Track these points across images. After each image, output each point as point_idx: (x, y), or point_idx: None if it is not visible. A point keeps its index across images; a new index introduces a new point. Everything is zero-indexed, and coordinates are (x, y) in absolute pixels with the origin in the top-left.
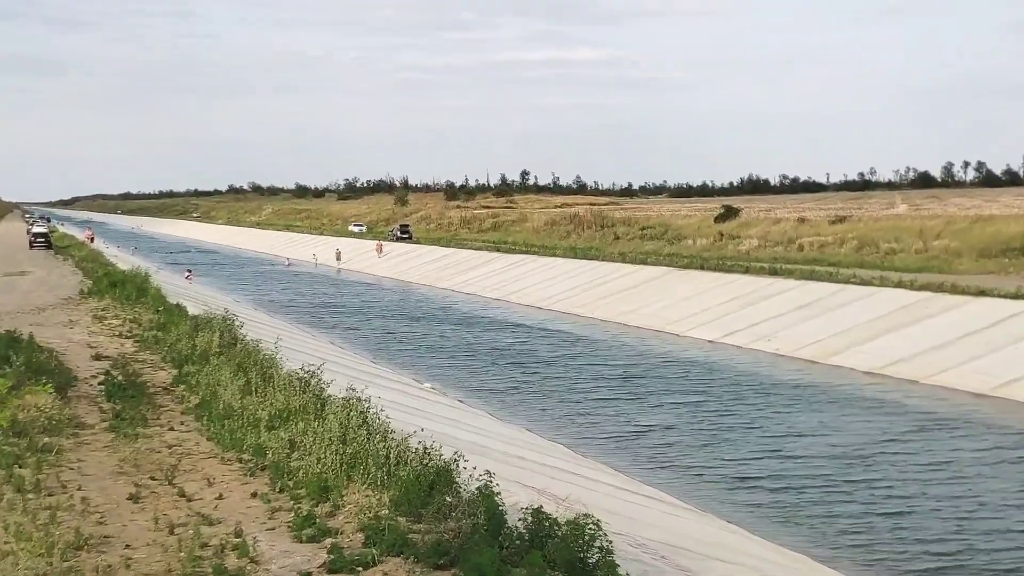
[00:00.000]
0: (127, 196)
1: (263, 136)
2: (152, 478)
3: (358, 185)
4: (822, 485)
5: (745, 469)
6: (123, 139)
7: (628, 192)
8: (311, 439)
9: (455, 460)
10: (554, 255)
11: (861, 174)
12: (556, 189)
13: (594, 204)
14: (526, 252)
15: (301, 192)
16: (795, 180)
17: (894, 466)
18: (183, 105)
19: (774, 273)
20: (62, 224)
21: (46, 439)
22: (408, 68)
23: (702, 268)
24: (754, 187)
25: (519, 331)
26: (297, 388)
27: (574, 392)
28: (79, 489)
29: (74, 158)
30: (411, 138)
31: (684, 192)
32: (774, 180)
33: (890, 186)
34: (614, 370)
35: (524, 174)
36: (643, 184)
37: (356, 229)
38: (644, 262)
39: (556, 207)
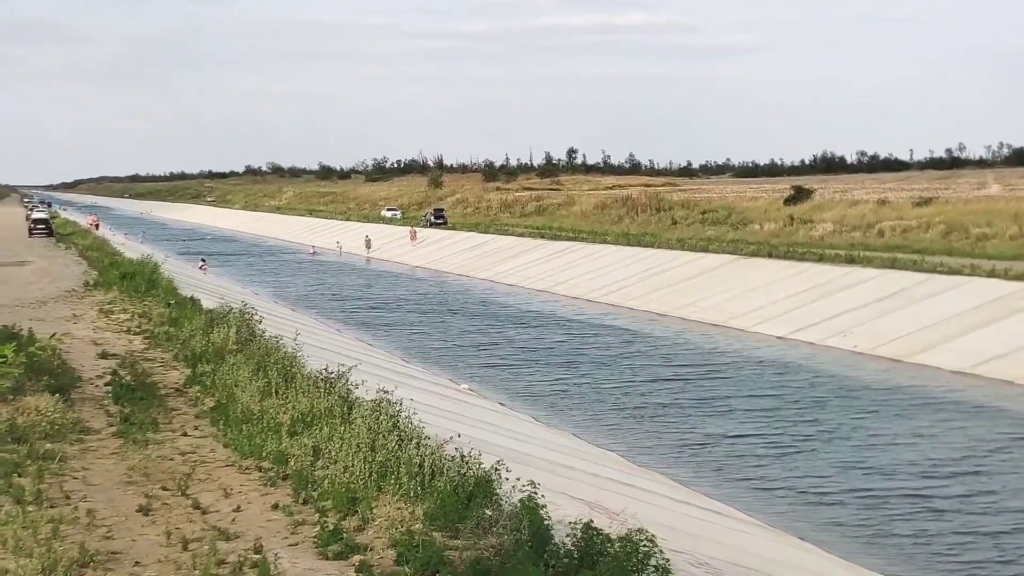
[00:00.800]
0: (135, 178)
1: (283, 112)
2: (164, 488)
3: (387, 166)
4: (912, 501)
5: (823, 482)
6: (130, 115)
7: (687, 172)
8: (337, 445)
9: (496, 469)
10: (605, 242)
11: (949, 150)
12: (607, 169)
13: (649, 185)
14: (573, 239)
15: (325, 173)
16: (874, 157)
17: (995, 479)
18: (195, 78)
19: (851, 261)
20: (64, 209)
21: (48, 445)
22: (440, 35)
23: (770, 256)
24: (828, 166)
25: (566, 327)
26: (322, 389)
27: (628, 395)
28: (84, 500)
29: (77, 137)
30: (445, 114)
31: (750, 171)
32: (851, 158)
33: (981, 164)
34: (673, 370)
35: (571, 152)
36: (704, 163)
37: (389, 214)
38: (705, 249)
39: (607, 189)
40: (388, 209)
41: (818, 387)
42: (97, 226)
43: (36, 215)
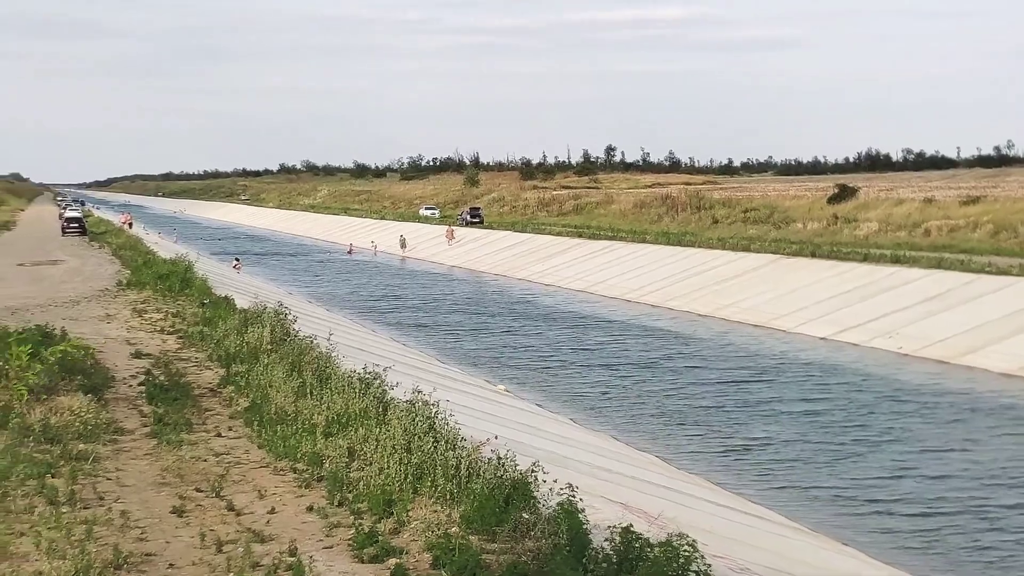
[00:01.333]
0: (168, 176)
1: (318, 109)
2: (198, 490)
3: (423, 164)
4: (964, 508)
5: (872, 489)
6: (164, 113)
7: (728, 170)
8: (372, 447)
9: (533, 471)
10: (644, 241)
11: (997, 148)
12: (646, 167)
13: (689, 183)
14: (612, 238)
15: (360, 172)
16: (920, 155)
17: None
18: (229, 74)
19: (896, 261)
20: (97, 208)
21: (81, 446)
22: (476, 30)
23: (813, 255)
24: (873, 163)
25: (604, 327)
26: (357, 390)
27: (669, 398)
28: (118, 501)
29: (110, 134)
30: (482, 111)
31: (792, 169)
32: (896, 155)
33: None
34: (715, 373)
35: (609, 150)
36: (745, 161)
37: (428, 213)
38: (747, 249)
39: (646, 187)
40: (426, 208)
41: (865, 390)
42: (130, 225)
43: (69, 214)
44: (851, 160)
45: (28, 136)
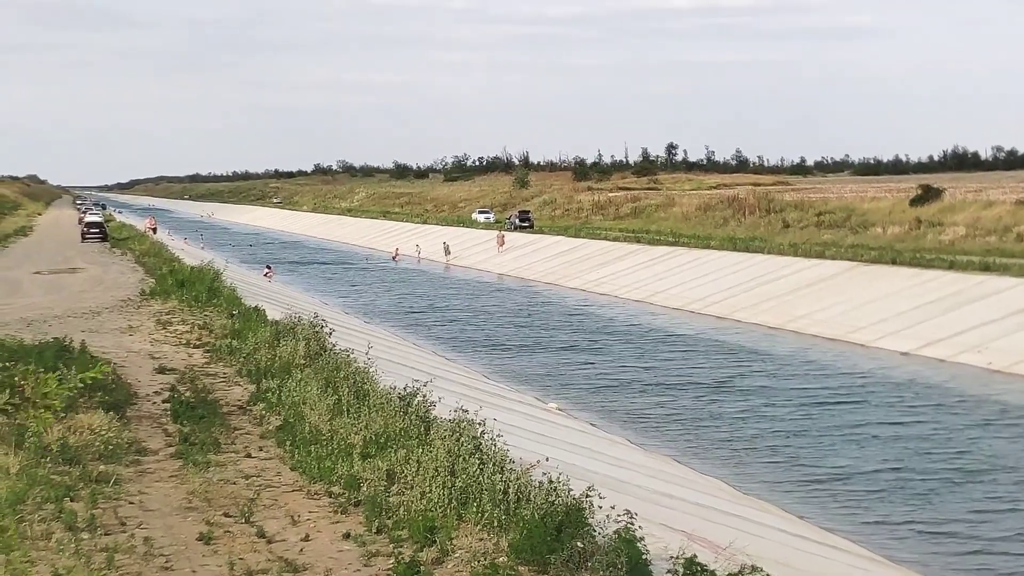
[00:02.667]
0: (195, 178)
1: (355, 105)
2: (226, 515)
3: (468, 164)
4: None
5: (968, 525)
6: (190, 109)
7: (801, 169)
8: (414, 469)
9: (588, 497)
10: (708, 247)
11: None
12: (710, 166)
13: (758, 184)
14: (673, 243)
15: (400, 172)
16: (1012, 153)
17: None
18: (259, 68)
19: (986, 269)
20: (119, 212)
21: (102, 467)
22: (528, 20)
23: (894, 263)
24: (960, 162)
25: (663, 341)
26: (397, 408)
27: (735, 418)
28: (141, 527)
29: (133, 133)
30: (532, 106)
31: (871, 169)
32: (985, 153)
33: None
34: (787, 391)
35: (671, 148)
36: (819, 160)
37: (483, 218)
38: (821, 255)
39: (710, 188)
40: (480, 212)
41: (957, 411)
42: (154, 230)
43: (89, 218)
44: (936, 159)
45: (46, 136)
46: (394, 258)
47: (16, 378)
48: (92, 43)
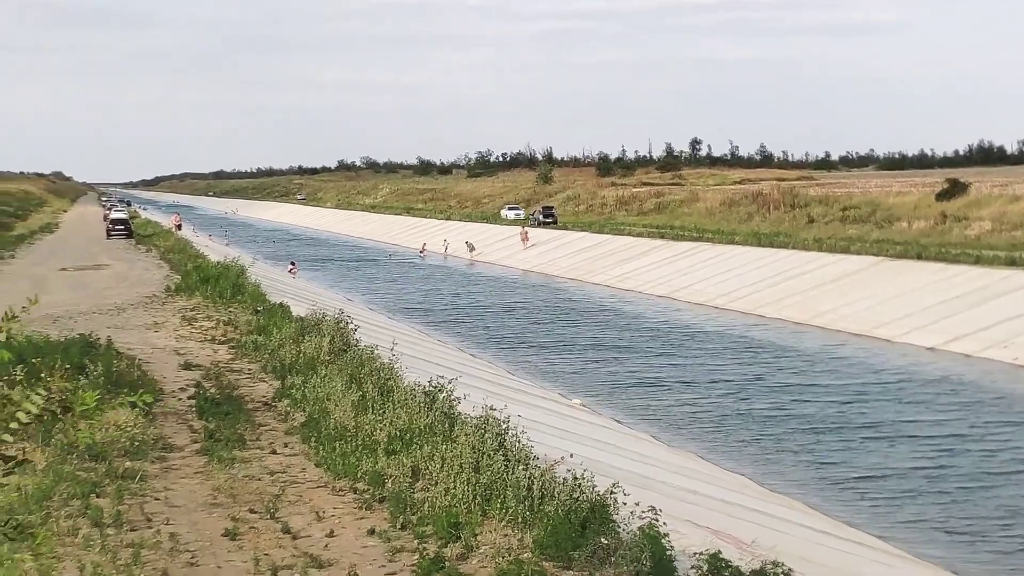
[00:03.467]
0: (219, 175)
1: (378, 102)
2: (251, 511)
3: (491, 159)
4: None
5: (1010, 526)
6: (214, 107)
7: (825, 164)
8: (438, 466)
9: (612, 493)
10: (733, 242)
11: None
12: (734, 161)
13: (782, 179)
14: (698, 239)
15: (424, 168)
16: None
17: None
18: (284, 66)
19: (1012, 264)
20: (144, 208)
21: (128, 464)
22: (551, 15)
23: (919, 258)
24: (985, 156)
25: (688, 336)
26: (422, 404)
27: (760, 415)
28: (166, 523)
29: (157, 131)
30: (556, 102)
31: (896, 163)
32: (1011, 147)
33: None
34: (812, 387)
35: (695, 143)
36: (844, 154)
37: (512, 215)
38: (846, 250)
39: (735, 183)
40: (510, 208)
41: (989, 407)
42: (179, 227)
43: (115, 215)
44: (961, 153)
45: (72, 133)
46: (421, 252)
47: (47, 379)
48: (116, 43)
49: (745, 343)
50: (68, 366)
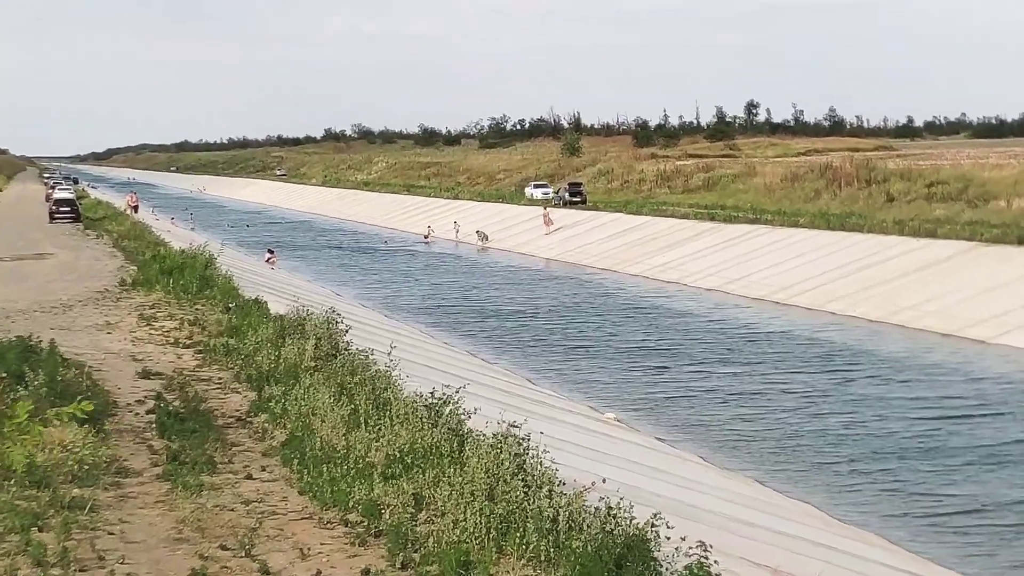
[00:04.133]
0: (183, 146)
1: (375, 60)
2: (223, 547)
3: (507, 127)
4: None
5: None
6: (177, 66)
7: (908, 131)
8: (446, 493)
9: (653, 526)
10: (796, 225)
11: None
12: (798, 128)
13: (856, 149)
14: (754, 221)
15: (427, 138)
16: None
17: None
18: (261, 17)
19: None
20: (94, 187)
21: (76, 491)
22: None
23: (1020, 242)
24: None
25: (742, 337)
26: (425, 419)
27: (835, 434)
28: (122, 562)
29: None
30: (585, 58)
31: (992, 130)
32: None
33: None
34: (899, 401)
35: (751, 107)
36: (930, 120)
37: (539, 193)
38: (932, 234)
39: (798, 155)
40: (536, 186)
41: None
42: (136, 208)
43: (59, 194)
44: None
45: (7, 99)
46: (426, 238)
47: None
48: None
49: (811, 346)
50: (3, 375)
